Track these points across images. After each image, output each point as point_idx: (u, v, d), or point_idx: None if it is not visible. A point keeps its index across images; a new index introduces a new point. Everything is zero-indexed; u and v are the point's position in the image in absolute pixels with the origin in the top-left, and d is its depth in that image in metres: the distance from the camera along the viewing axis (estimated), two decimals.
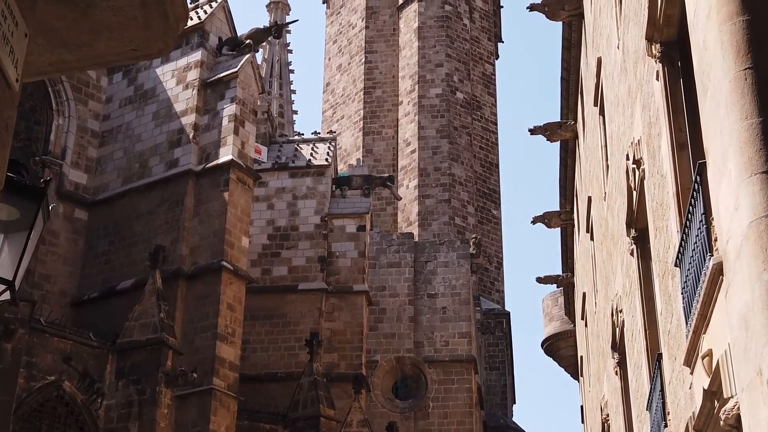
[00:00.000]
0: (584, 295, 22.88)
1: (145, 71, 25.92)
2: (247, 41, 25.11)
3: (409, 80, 46.25)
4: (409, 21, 47.50)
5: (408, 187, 43.79)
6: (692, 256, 7.67)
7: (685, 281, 8.04)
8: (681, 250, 8.12)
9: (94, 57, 4.64)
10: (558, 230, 27.59)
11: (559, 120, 23.49)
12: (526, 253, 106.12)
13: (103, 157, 25.72)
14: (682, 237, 8.06)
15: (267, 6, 58.33)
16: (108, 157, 25.68)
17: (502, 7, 52.95)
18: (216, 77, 24.69)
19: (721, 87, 6.48)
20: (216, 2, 25.99)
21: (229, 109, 24.04)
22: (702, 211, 7.26)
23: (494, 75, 49.56)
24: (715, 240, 6.89)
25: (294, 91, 65.14)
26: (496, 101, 49.00)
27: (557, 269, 29.46)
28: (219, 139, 23.98)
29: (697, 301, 7.43)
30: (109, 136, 25.89)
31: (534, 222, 25.97)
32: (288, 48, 65.57)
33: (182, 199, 23.53)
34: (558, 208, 26.41)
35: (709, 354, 7.08)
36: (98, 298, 24.11)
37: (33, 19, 4.26)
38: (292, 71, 65.38)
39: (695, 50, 7.48)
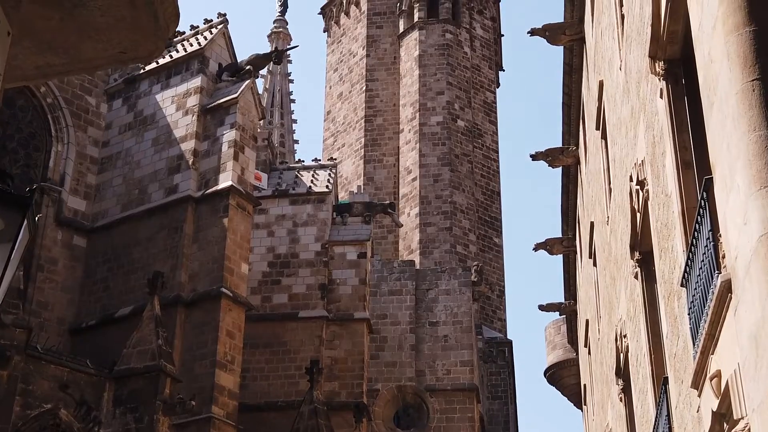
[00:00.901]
0: (587, 322, 22.71)
1: (145, 97, 25.87)
2: (248, 67, 25.07)
3: (410, 108, 46.24)
4: (409, 49, 47.56)
5: (409, 215, 43.66)
6: (699, 275, 7.52)
7: (692, 301, 7.89)
8: (687, 270, 7.97)
9: (82, 60, 4.49)
10: (560, 257, 27.47)
11: (560, 146, 23.42)
12: (528, 280, 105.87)
13: (102, 184, 25.61)
14: (688, 256, 7.92)
15: (268, 36, 58.42)
16: (107, 183, 25.57)
17: (503, 35, 53.06)
18: (216, 103, 24.61)
19: (727, 99, 6.34)
20: (216, 28, 25.97)
21: (228, 135, 23.95)
22: (709, 228, 7.12)
23: (495, 103, 49.57)
24: (723, 257, 6.75)
25: (295, 121, 65.10)
26: (497, 129, 48.96)
27: (560, 297, 29.26)
28: (218, 165, 23.88)
29: (705, 321, 7.28)
30: (109, 163, 25.80)
31: (536, 249, 25.82)
32: (289, 78, 65.71)
33: (181, 226, 23.39)
34: (560, 235, 26.30)
35: (718, 375, 6.92)
36: (96, 326, 23.92)
37: (18, 18, 4.10)
38: (293, 101, 65.41)
39: (700, 64, 7.36)
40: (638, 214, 11.38)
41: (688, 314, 8.11)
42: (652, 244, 10.82)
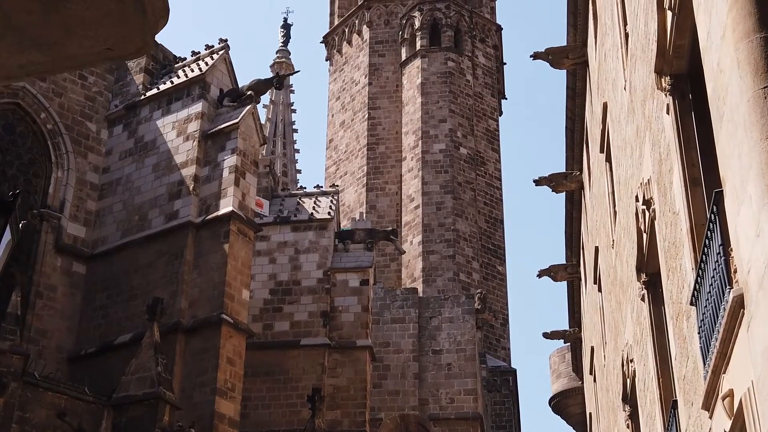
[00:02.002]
0: (592, 349, 22.49)
1: (146, 123, 25.76)
2: (249, 92, 24.95)
3: (413, 136, 46.17)
4: (412, 77, 47.56)
5: (412, 243, 43.47)
6: (710, 292, 7.33)
7: (702, 320, 7.69)
8: (697, 287, 7.78)
9: (67, 58, 4.30)
10: (564, 284, 27.30)
11: (564, 171, 23.29)
12: (532, 308, 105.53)
13: (102, 210, 25.44)
14: (697, 273, 7.72)
15: (271, 66, 58.65)
16: (107, 209, 25.41)
17: (505, 63, 53.08)
18: (217, 128, 24.48)
19: (738, 108, 6.17)
20: (217, 54, 25.88)
21: (229, 161, 23.81)
22: (720, 242, 6.93)
23: (498, 131, 49.47)
24: (735, 271, 6.55)
25: (297, 150, 65.17)
26: (499, 157, 48.86)
27: (564, 324, 29.03)
28: (219, 190, 23.71)
29: (716, 339, 7.08)
30: (109, 189, 25.65)
31: (540, 275, 25.69)
32: (292, 108, 65.82)
33: (182, 252, 23.20)
34: (564, 262, 26.13)
35: (731, 394, 6.71)
36: (95, 354, 23.66)
37: None
38: (295, 130, 65.52)
39: (709, 75, 7.19)
40: (644, 235, 11.21)
41: (698, 333, 7.92)
42: (659, 264, 10.67)
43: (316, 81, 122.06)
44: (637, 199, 11.52)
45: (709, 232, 7.20)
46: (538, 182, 23.07)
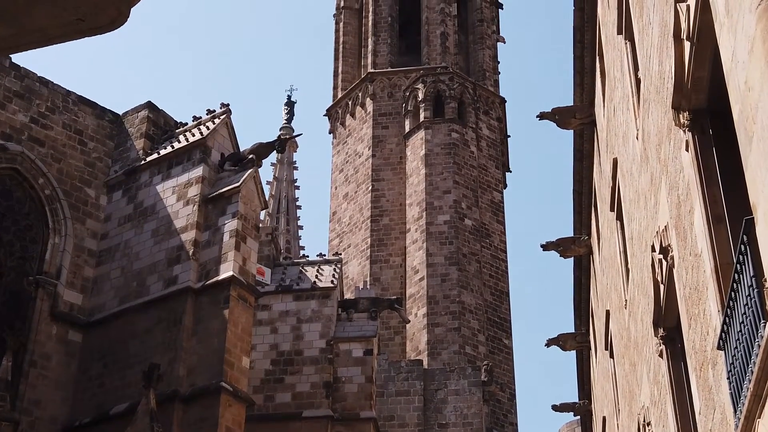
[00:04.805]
0: (604, 419, 21.89)
1: (145, 188, 25.42)
2: (250, 156, 24.65)
3: (417, 207, 45.88)
4: (415, 148, 47.45)
5: (417, 315, 42.88)
6: (740, 330, 6.82)
7: (732, 363, 7.17)
8: (725, 329, 7.27)
9: (35, 31, 3.84)
10: (573, 354, 26.79)
11: (572, 236, 22.94)
12: (540, 380, 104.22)
13: (99, 277, 24.96)
14: (726, 313, 7.22)
15: None
16: (105, 276, 24.93)
17: (509, 136, 53.04)
18: (217, 192, 24.12)
19: None
20: (219, 118, 25.65)
21: (230, 225, 23.38)
22: (752, 274, 6.43)
23: (502, 203, 49.22)
24: None
25: (301, 227, 64.98)
26: (504, 229, 48.51)
27: (573, 396, 28.40)
28: (219, 255, 23.25)
29: (749, 380, 6.56)
30: (107, 255, 25.20)
31: (548, 345, 25.20)
32: (295, 184, 65.78)
33: (180, 318, 22.65)
34: (573, 330, 25.67)
35: None
36: (90, 424, 22.94)
37: None
38: (299, 207, 65.39)
39: (734, 97, 6.79)
40: (662, 286, 10.79)
41: (728, 378, 7.39)
42: (678, 315, 10.25)
43: (320, 154, 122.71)
44: (653, 249, 11.11)
45: (738, 265, 6.72)
46: (546, 247, 22.69)
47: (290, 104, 65.68)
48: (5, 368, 17.94)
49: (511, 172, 52.50)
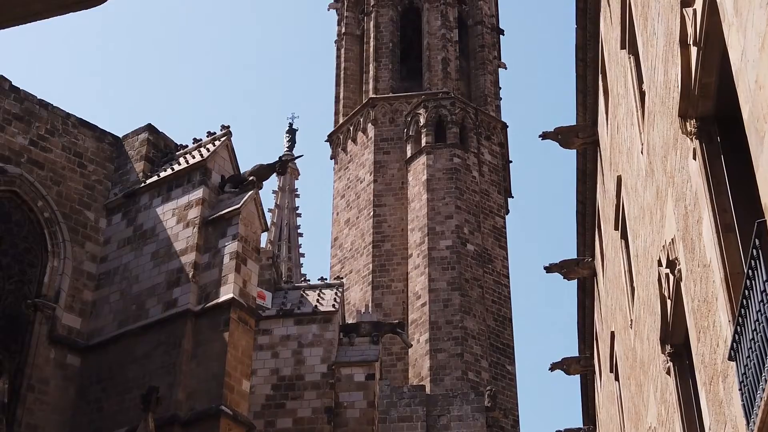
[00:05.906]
0: None
1: (145, 211, 25.23)
2: (251, 178, 24.48)
3: (419, 232, 45.66)
4: (417, 174, 47.31)
5: (419, 341, 42.55)
6: (753, 338, 6.61)
7: (744, 372, 6.95)
8: (736, 338, 7.05)
9: (18, 6, 3.63)
10: (577, 379, 26.54)
11: (575, 257, 22.76)
12: (543, 405, 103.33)
13: (98, 300, 24.70)
14: (737, 321, 7.01)
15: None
16: (104, 299, 24.67)
17: (511, 162, 52.91)
18: (217, 214, 23.91)
19: None
20: (219, 140, 25.50)
21: (230, 247, 23.16)
22: (764, 278, 6.23)
23: (504, 228, 48.98)
24: None
25: (303, 255, 64.68)
26: (507, 255, 48.25)
27: (577, 422, 28.06)
28: (220, 277, 23.01)
29: (763, 389, 6.35)
30: (106, 278, 24.95)
31: (552, 369, 24.94)
32: (297, 212, 65.55)
33: (180, 341, 22.37)
34: (577, 354, 25.44)
35: None
36: None
37: None
38: (300, 234, 65.12)
39: (744, 97, 6.61)
40: (669, 302, 10.61)
41: (740, 389, 7.17)
42: (686, 331, 10.06)
43: (321, 179, 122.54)
44: (659, 264, 10.92)
45: (750, 271, 6.52)
46: (549, 269, 22.51)
47: (292, 132, 65.61)
48: (2, 392, 17.67)
49: (513, 197, 52.36)
